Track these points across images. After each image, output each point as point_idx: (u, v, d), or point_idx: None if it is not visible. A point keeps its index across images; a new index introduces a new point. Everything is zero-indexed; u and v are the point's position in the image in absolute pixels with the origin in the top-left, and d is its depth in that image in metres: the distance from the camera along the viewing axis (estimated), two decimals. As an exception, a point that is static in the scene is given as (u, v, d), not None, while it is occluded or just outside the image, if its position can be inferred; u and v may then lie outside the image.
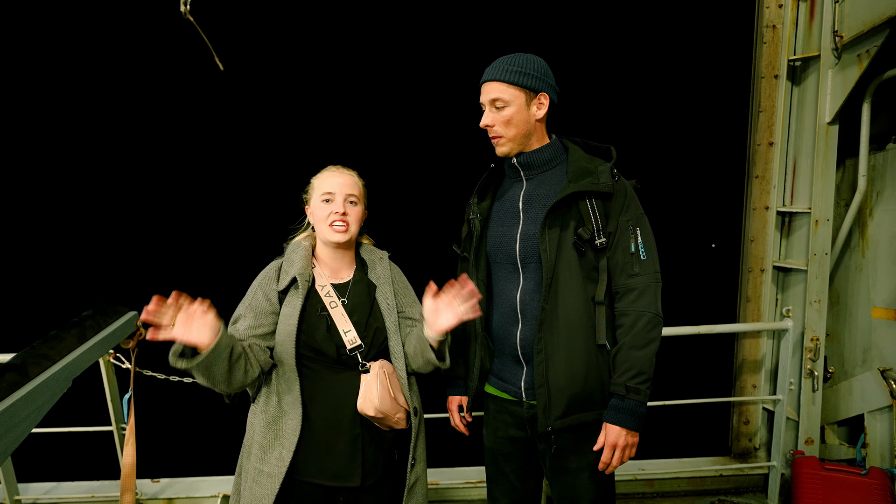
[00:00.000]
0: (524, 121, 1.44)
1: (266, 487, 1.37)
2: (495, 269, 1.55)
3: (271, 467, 1.38)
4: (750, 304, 2.80)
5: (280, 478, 1.37)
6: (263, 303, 1.45)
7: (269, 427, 1.41)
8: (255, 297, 1.46)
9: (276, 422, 1.40)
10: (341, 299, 1.48)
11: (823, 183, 2.48)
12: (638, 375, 1.37)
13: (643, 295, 1.39)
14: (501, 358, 1.55)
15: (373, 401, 1.38)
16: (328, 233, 1.47)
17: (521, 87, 1.41)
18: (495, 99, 1.42)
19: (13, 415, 1.14)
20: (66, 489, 2.60)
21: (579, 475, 1.46)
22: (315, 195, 1.50)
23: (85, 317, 1.62)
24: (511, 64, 1.42)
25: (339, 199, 1.47)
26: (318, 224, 1.49)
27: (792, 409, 2.65)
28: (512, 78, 1.40)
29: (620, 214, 1.42)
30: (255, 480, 1.40)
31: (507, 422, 1.56)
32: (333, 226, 1.46)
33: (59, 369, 1.33)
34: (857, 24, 2.24)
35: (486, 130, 1.49)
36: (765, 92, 2.64)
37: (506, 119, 1.43)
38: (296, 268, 1.46)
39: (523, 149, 1.49)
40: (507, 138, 1.46)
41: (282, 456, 1.38)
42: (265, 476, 1.38)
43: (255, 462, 1.41)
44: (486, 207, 1.57)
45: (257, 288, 1.48)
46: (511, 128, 1.44)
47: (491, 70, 1.45)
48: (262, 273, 1.52)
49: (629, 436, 1.38)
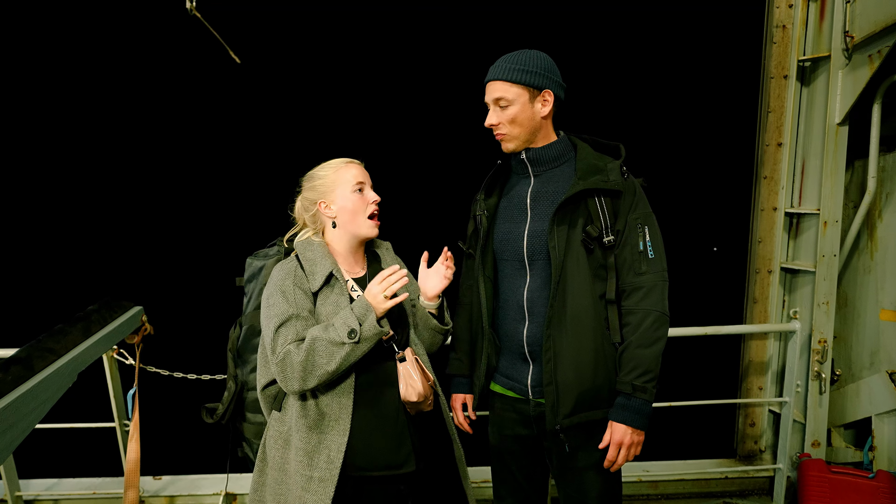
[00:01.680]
0: (529, 119, 1.43)
1: (319, 493, 1.31)
2: (502, 266, 1.54)
3: (322, 472, 1.33)
4: (757, 305, 2.77)
5: (334, 481, 1.32)
6: (306, 301, 1.38)
7: (311, 431, 1.35)
8: (296, 296, 1.37)
9: (317, 425, 1.35)
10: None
11: (833, 184, 2.46)
12: (644, 374, 1.36)
13: (650, 293, 1.38)
14: (508, 356, 1.54)
15: (416, 387, 1.39)
16: (367, 226, 1.44)
17: (524, 86, 1.40)
18: (498, 98, 1.41)
19: (18, 409, 1.13)
20: (67, 486, 2.59)
21: (586, 473, 1.45)
22: (340, 188, 1.44)
23: (90, 311, 1.60)
24: (514, 62, 1.41)
25: (372, 192, 1.47)
26: (351, 217, 1.44)
27: (798, 411, 2.64)
28: (515, 76, 1.39)
29: (629, 212, 1.40)
30: (304, 489, 1.33)
31: (514, 420, 1.55)
32: (374, 219, 1.45)
33: (65, 363, 1.32)
34: (869, 24, 2.22)
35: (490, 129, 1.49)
36: (774, 92, 2.62)
37: (510, 118, 1.42)
38: (323, 266, 1.41)
39: (529, 146, 1.48)
40: (512, 136, 1.45)
41: (331, 458, 1.33)
42: (317, 482, 1.32)
43: (302, 469, 1.34)
44: (493, 204, 1.56)
45: (293, 287, 1.38)
46: (515, 126, 1.43)
47: (494, 69, 1.44)
48: (282, 273, 1.41)
49: (635, 434, 1.37)
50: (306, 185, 1.50)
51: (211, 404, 1.61)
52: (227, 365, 1.61)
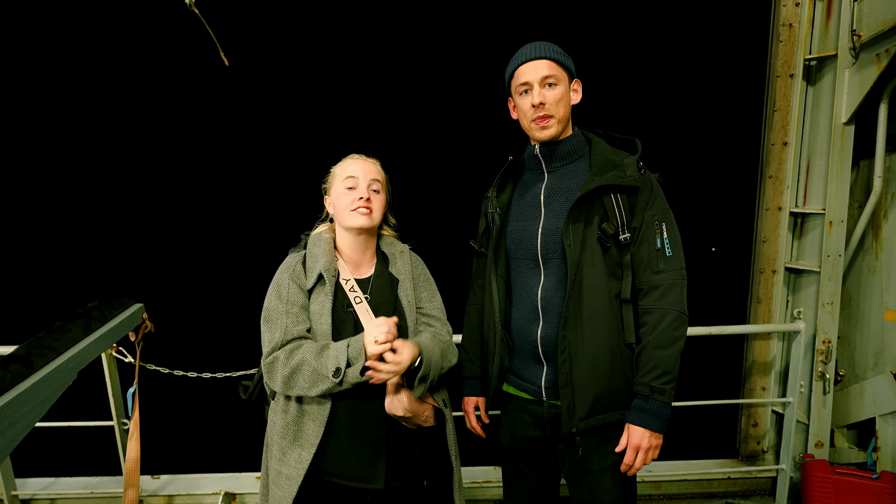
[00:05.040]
0: (568, 104, 1.40)
1: (285, 490, 1.33)
2: (515, 264, 1.50)
3: (290, 469, 1.34)
4: (761, 305, 2.76)
5: (298, 480, 1.32)
6: (299, 296, 1.38)
7: (288, 428, 1.36)
8: (290, 292, 1.37)
9: (296, 423, 1.35)
10: (365, 295, 1.42)
11: (839, 184, 2.45)
12: (663, 375, 1.33)
13: (668, 292, 1.35)
14: (521, 356, 1.50)
15: (402, 401, 1.34)
16: (350, 217, 1.39)
17: (565, 70, 1.38)
18: (548, 76, 1.36)
19: (18, 407, 1.09)
20: (64, 485, 2.55)
21: (601, 476, 1.42)
22: (337, 183, 1.44)
23: (90, 308, 1.56)
24: (552, 46, 1.38)
25: (363, 185, 1.41)
26: (340, 212, 1.42)
27: (802, 411, 2.63)
28: (558, 58, 1.37)
29: (646, 209, 1.37)
30: (274, 482, 1.36)
31: (526, 421, 1.52)
32: (357, 210, 1.39)
33: (65, 361, 1.28)
34: (877, 22, 2.21)
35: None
36: (780, 91, 2.60)
37: (557, 98, 1.37)
38: (320, 263, 1.40)
39: (562, 134, 1.43)
40: (557, 118, 1.39)
41: (301, 457, 1.33)
42: (283, 478, 1.34)
43: (275, 463, 1.36)
44: (506, 201, 1.53)
45: (289, 282, 1.39)
46: (561, 107, 1.38)
47: (534, 50, 1.39)
48: (284, 266, 1.43)
49: (653, 437, 1.34)
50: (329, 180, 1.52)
51: (248, 381, 1.59)
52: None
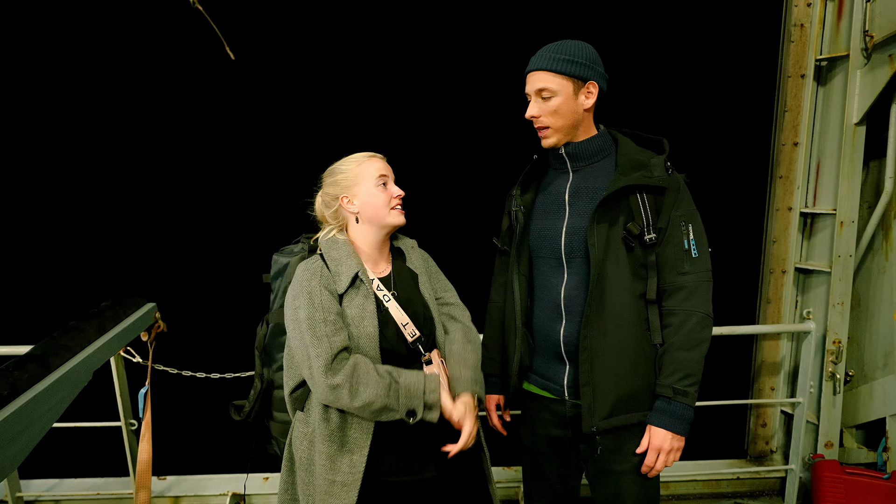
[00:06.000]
0: (572, 111, 1.38)
1: (342, 498, 1.30)
2: (538, 263, 1.49)
3: (344, 476, 1.30)
4: (770, 305, 2.76)
5: (357, 485, 1.30)
6: (333, 303, 1.32)
7: (333, 435, 1.32)
8: (323, 298, 1.31)
9: (340, 429, 1.32)
10: (391, 292, 1.41)
11: (850, 184, 2.44)
12: (686, 377, 1.32)
13: (694, 294, 1.34)
14: (543, 355, 1.49)
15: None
16: (392, 215, 1.40)
17: (569, 77, 1.35)
18: (542, 89, 1.36)
19: (35, 407, 1.08)
20: (69, 486, 2.53)
21: (623, 477, 1.41)
22: (365, 182, 1.40)
23: (104, 307, 1.56)
24: (558, 52, 1.36)
25: (392, 183, 1.44)
26: (377, 210, 1.40)
27: (811, 412, 2.62)
28: (560, 67, 1.34)
29: (673, 209, 1.36)
30: (327, 492, 1.31)
31: (548, 420, 1.51)
32: (396, 208, 1.42)
33: (81, 361, 1.28)
34: (890, 23, 2.20)
35: (529, 122, 1.43)
36: (791, 91, 2.60)
37: (552, 109, 1.37)
38: (349, 265, 1.36)
39: (570, 140, 1.43)
40: (554, 129, 1.40)
41: (353, 462, 1.31)
42: (339, 486, 1.30)
43: (325, 473, 1.32)
44: (530, 200, 1.52)
45: (321, 287, 1.32)
46: (558, 118, 1.38)
47: (537, 59, 1.39)
48: (309, 273, 1.35)
49: (675, 440, 1.34)
50: (327, 181, 1.46)
51: (239, 401, 1.57)
52: (254, 363, 1.57)
